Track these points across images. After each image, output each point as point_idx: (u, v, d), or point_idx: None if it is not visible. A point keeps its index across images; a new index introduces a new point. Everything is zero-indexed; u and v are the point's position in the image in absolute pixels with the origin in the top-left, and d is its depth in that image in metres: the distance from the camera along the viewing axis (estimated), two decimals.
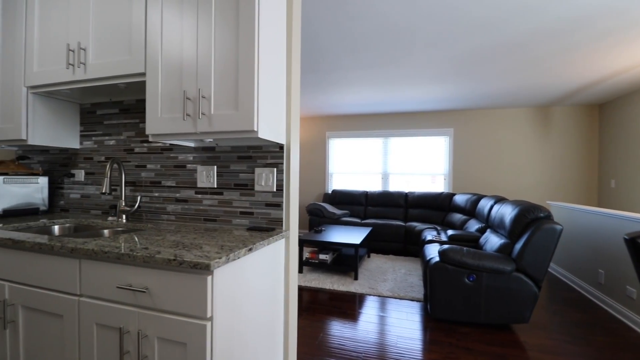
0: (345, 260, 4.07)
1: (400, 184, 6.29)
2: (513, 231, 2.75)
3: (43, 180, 2.10)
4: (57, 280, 1.29)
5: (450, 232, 3.73)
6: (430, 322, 2.78)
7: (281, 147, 1.68)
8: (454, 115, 5.91)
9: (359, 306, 3.12)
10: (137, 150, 1.98)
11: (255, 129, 1.34)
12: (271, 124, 1.48)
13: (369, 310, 3.01)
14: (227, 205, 1.78)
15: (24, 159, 2.17)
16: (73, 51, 1.67)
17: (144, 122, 1.97)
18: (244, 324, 1.27)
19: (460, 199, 5.13)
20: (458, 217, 4.92)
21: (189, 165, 1.87)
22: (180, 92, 1.46)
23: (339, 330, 2.60)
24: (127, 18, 1.58)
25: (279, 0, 1.56)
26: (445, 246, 2.82)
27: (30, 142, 1.85)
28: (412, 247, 5.02)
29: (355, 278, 3.78)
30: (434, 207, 5.60)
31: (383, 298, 3.33)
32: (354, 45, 3.06)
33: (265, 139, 1.47)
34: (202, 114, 1.41)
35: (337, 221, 5.52)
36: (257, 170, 1.71)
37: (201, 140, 1.54)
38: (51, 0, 1.76)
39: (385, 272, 4.14)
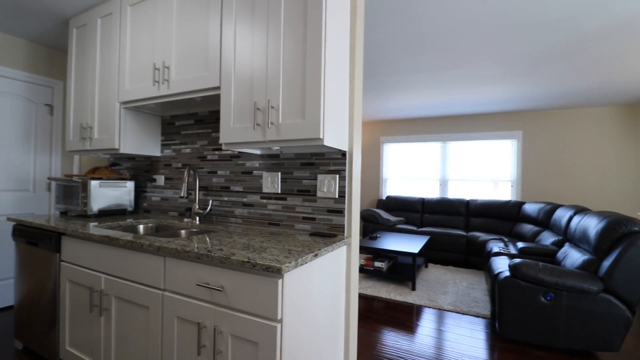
0: (402, 269, 3.94)
1: (459, 191, 5.95)
2: (599, 246, 2.43)
3: (130, 185, 2.37)
4: (144, 275, 1.44)
5: (520, 244, 3.42)
6: (499, 341, 2.56)
7: (343, 153, 1.69)
8: (523, 116, 5.44)
9: (417, 318, 2.99)
10: (209, 157, 2.15)
11: (321, 137, 1.37)
12: (335, 131, 1.50)
13: (429, 324, 2.87)
14: (290, 210, 1.84)
15: (115, 166, 2.48)
16: (158, 69, 1.87)
17: (215, 131, 2.13)
18: (309, 327, 1.29)
19: (531, 208, 4.68)
20: (528, 228, 4.49)
21: (255, 172, 1.97)
22: (250, 103, 1.55)
23: (396, 341, 2.52)
24: (204, 37, 1.73)
25: (344, 9, 1.58)
26: (517, 260, 2.58)
27: (121, 151, 2.11)
28: (474, 258, 4.70)
29: (413, 288, 3.64)
30: (499, 217, 5.19)
31: (443, 312, 3.15)
32: (414, 49, 2.99)
33: (330, 146, 1.50)
34: (271, 123, 1.47)
35: (391, 228, 5.38)
36: (320, 177, 1.74)
37: (269, 148, 1.61)
38: (140, 26, 1.99)
39: (445, 284, 3.93)
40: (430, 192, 6.19)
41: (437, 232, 5.01)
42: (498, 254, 3.53)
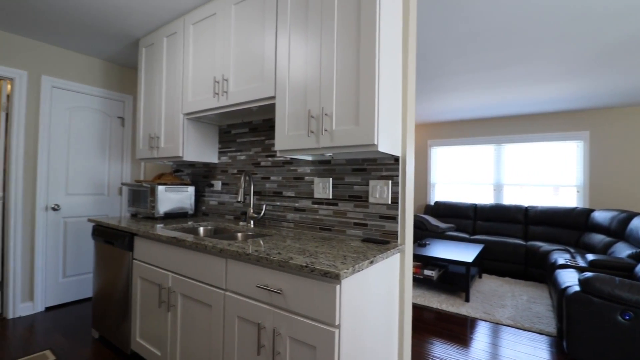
0: (454, 279, 3.76)
1: (515, 196, 5.54)
2: None
3: (191, 189, 2.55)
4: (208, 275, 1.54)
5: (590, 256, 3.09)
6: None
7: (396, 159, 1.66)
8: (591, 115, 4.94)
9: (472, 331, 2.83)
10: (262, 164, 2.24)
11: (375, 143, 1.37)
12: (389, 136, 1.49)
13: (485, 338, 2.70)
14: (341, 215, 1.85)
15: (177, 172, 2.68)
16: (218, 82, 2.00)
17: (269, 139, 2.21)
18: (364, 334, 1.28)
19: (601, 216, 4.22)
20: (599, 238, 4.05)
21: (306, 178, 2.01)
22: (304, 111, 1.59)
23: (450, 355, 2.40)
24: (260, 49, 1.81)
25: (396, 12, 1.57)
26: (588, 274, 2.34)
27: (184, 158, 2.28)
28: (534, 270, 4.33)
29: (467, 300, 3.45)
30: (564, 225, 4.74)
31: (501, 326, 2.94)
32: (465, 48, 2.87)
33: (383, 152, 1.48)
34: (325, 130, 1.50)
35: (441, 235, 5.16)
36: (372, 183, 1.73)
37: (321, 154, 1.64)
38: (201, 42, 2.14)
39: (503, 296, 3.67)
40: (483, 197, 5.84)
41: (492, 240, 4.71)
42: (564, 266, 3.23)
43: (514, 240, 4.68)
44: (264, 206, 2.16)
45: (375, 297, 1.38)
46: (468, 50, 2.91)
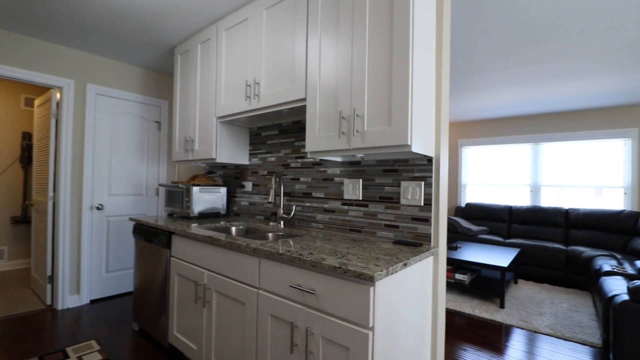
0: (487, 284, 3.61)
1: (553, 198, 5.24)
2: None
3: (223, 190, 2.63)
4: (241, 273, 1.58)
5: None
6: None
7: (429, 159, 1.63)
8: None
9: (507, 339, 2.70)
10: (292, 165, 2.27)
11: (409, 143, 1.34)
12: (422, 136, 1.46)
13: (522, 347, 2.57)
14: (372, 217, 1.83)
15: (210, 173, 2.77)
16: (250, 86, 2.05)
17: (298, 140, 2.24)
18: (397, 338, 1.27)
19: None
20: None
21: (336, 179, 2.02)
22: (335, 112, 1.59)
23: None
24: (290, 52, 1.84)
25: (430, 9, 1.53)
26: (639, 282, 2.17)
27: (217, 160, 2.35)
28: (576, 276, 4.08)
29: (501, 306, 3.31)
30: (609, 229, 4.43)
31: (539, 335, 2.79)
32: (502, 43, 2.75)
33: (416, 152, 1.46)
34: (356, 131, 1.50)
35: (473, 238, 4.98)
36: (403, 184, 1.71)
37: (352, 155, 1.63)
38: (233, 47, 2.21)
39: (541, 303, 3.48)
40: (518, 199, 5.58)
41: (529, 244, 4.49)
42: (610, 273, 3.01)
43: (553, 244, 4.43)
44: (294, 207, 2.18)
45: (409, 300, 1.35)
46: (506, 45, 2.79)
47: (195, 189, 2.42)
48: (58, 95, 2.89)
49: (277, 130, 2.38)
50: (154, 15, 2.31)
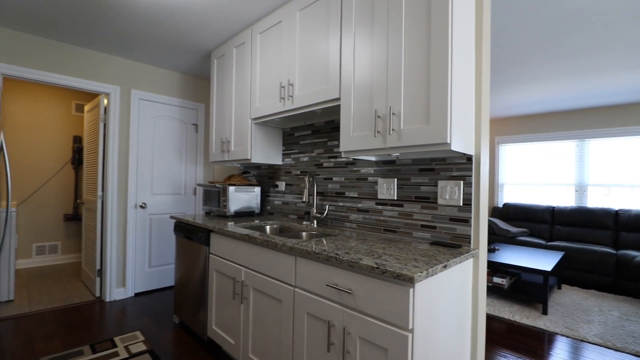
0: (528, 289, 3.43)
1: (601, 199, 4.87)
2: None
3: (257, 190, 2.69)
4: (277, 271, 1.61)
5: None
6: None
7: (469, 158, 1.57)
8: None
9: (550, 347, 2.55)
10: (325, 165, 2.28)
11: (448, 141, 1.31)
12: (462, 134, 1.42)
13: (567, 356, 2.42)
14: (407, 217, 1.80)
15: (245, 173, 2.85)
16: (284, 87, 2.08)
17: (331, 140, 2.25)
18: (437, 341, 1.24)
19: None
20: None
21: (370, 178, 2.00)
22: (370, 111, 1.58)
23: None
24: (324, 52, 1.85)
25: (469, 2, 1.48)
26: None
27: (252, 161, 2.41)
28: (627, 283, 3.77)
29: (544, 312, 3.13)
30: None
31: (587, 344, 2.61)
32: (548, 34, 2.60)
33: (455, 151, 1.42)
34: (392, 130, 1.48)
35: (511, 240, 4.75)
36: (441, 183, 1.66)
37: (388, 154, 1.62)
38: (268, 50, 2.25)
39: (588, 311, 3.25)
40: (561, 199, 5.25)
41: (574, 247, 4.21)
42: None
43: (601, 248, 4.12)
44: (327, 206, 2.19)
45: (448, 303, 1.32)
46: (552, 35, 2.64)
47: (231, 188, 2.50)
48: (105, 101, 3.09)
49: (310, 130, 2.40)
50: (193, 23, 2.41)
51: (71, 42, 2.81)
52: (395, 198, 1.86)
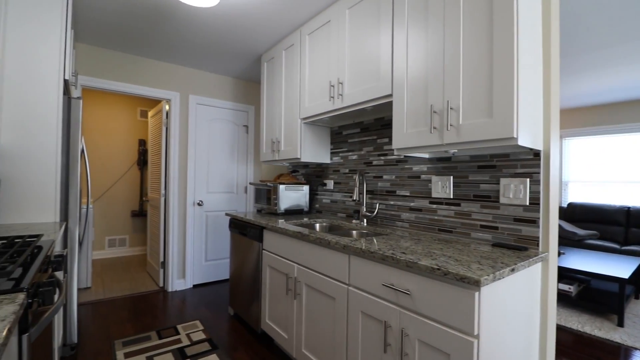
0: (599, 297, 3.10)
1: None
2: None
3: (306, 188, 2.74)
4: (330, 269, 1.62)
5: None
6: None
7: (536, 153, 1.45)
8: None
9: None
10: (374, 163, 2.25)
11: (515, 136, 1.22)
12: (529, 128, 1.31)
13: None
14: (464, 217, 1.72)
15: (294, 172, 2.91)
16: (333, 86, 2.09)
17: (381, 138, 2.21)
18: (503, 350, 1.16)
19: None
20: None
21: (423, 176, 1.94)
22: (425, 106, 1.53)
23: None
24: (375, 49, 1.82)
25: None
26: None
27: (302, 160, 2.46)
28: None
29: (620, 324, 2.80)
30: None
31: None
32: (627, 11, 2.32)
33: (521, 146, 1.32)
34: (450, 125, 1.42)
35: (578, 243, 4.32)
36: (503, 181, 1.56)
37: (445, 151, 1.55)
38: (316, 50, 2.28)
39: None
40: (637, 199, 4.66)
41: None
42: None
43: None
44: (377, 205, 2.16)
45: (515, 310, 1.23)
46: (627, 14, 2.35)
47: (281, 187, 2.57)
48: (167, 106, 3.34)
49: (359, 128, 2.39)
50: (245, 29, 2.51)
51: (137, 54, 3.07)
52: (451, 197, 1.78)
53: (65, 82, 2.04)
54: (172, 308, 2.92)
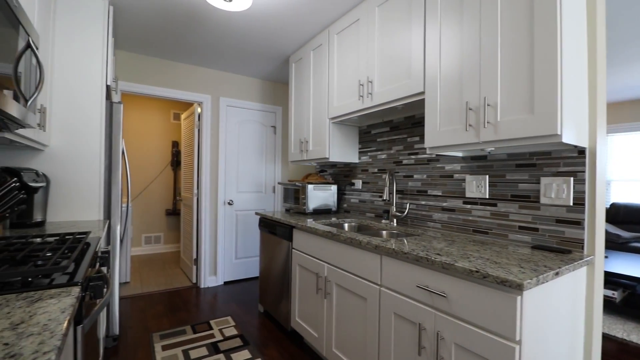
0: None
1: None
2: None
3: (334, 188, 2.74)
4: (361, 269, 1.62)
5: None
6: None
7: (581, 151, 1.37)
8: None
9: None
10: (404, 162, 2.22)
11: (559, 132, 1.16)
12: (574, 124, 1.24)
13: None
14: (501, 218, 1.65)
15: (322, 172, 2.93)
16: (363, 85, 2.08)
17: (411, 136, 2.17)
18: (546, 357, 1.11)
19: None
20: None
21: (456, 175, 1.88)
22: (460, 104, 1.49)
23: None
24: (406, 46, 1.79)
25: None
26: None
27: (330, 159, 2.46)
28: None
29: None
30: None
31: None
32: None
33: (565, 143, 1.25)
34: (487, 122, 1.37)
35: (623, 246, 4.04)
36: (544, 180, 1.49)
37: (481, 149, 1.50)
38: (345, 50, 2.27)
39: None
40: None
41: None
42: None
43: None
44: (408, 205, 2.13)
45: (558, 316, 1.17)
46: None
47: (310, 186, 2.59)
48: (199, 109, 3.45)
49: (388, 127, 2.36)
50: (274, 31, 2.55)
51: (171, 59, 3.20)
52: (487, 196, 1.72)
53: (107, 87, 2.16)
54: (204, 304, 3.02)
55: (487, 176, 1.72)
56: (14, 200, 1.36)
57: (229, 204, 3.55)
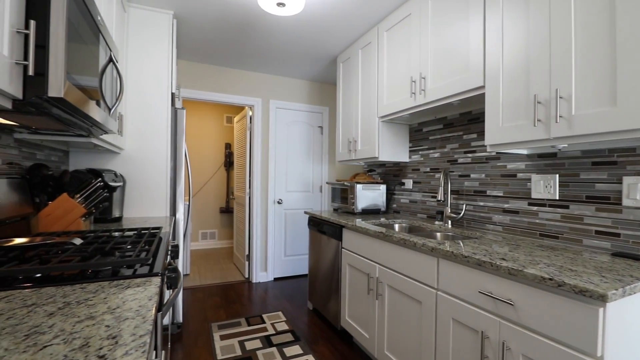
0: None
1: None
2: None
3: (383, 188, 2.70)
4: (416, 271, 1.57)
5: None
6: None
7: None
8: None
9: None
10: (460, 160, 2.11)
11: None
12: None
13: None
14: (574, 221, 1.50)
15: (370, 172, 2.90)
16: (415, 81, 2.02)
17: (467, 134, 2.07)
18: None
19: None
20: None
21: (519, 175, 1.75)
22: (527, 97, 1.38)
23: None
24: (463, 38, 1.71)
25: None
26: None
27: (380, 159, 2.43)
28: None
29: None
30: None
31: None
32: None
33: None
34: (559, 116, 1.25)
35: None
36: (627, 180, 1.32)
37: (552, 146, 1.38)
38: (395, 46, 2.22)
39: None
40: None
41: None
42: None
43: None
44: (464, 206, 2.02)
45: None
46: None
47: (358, 186, 2.58)
48: (250, 112, 3.61)
49: (441, 124, 2.26)
50: (322, 32, 2.58)
51: (225, 65, 3.38)
52: (557, 197, 1.57)
53: (172, 95, 2.35)
54: (256, 298, 3.15)
55: (557, 175, 1.57)
56: (99, 198, 1.54)
57: (279, 203, 3.66)
